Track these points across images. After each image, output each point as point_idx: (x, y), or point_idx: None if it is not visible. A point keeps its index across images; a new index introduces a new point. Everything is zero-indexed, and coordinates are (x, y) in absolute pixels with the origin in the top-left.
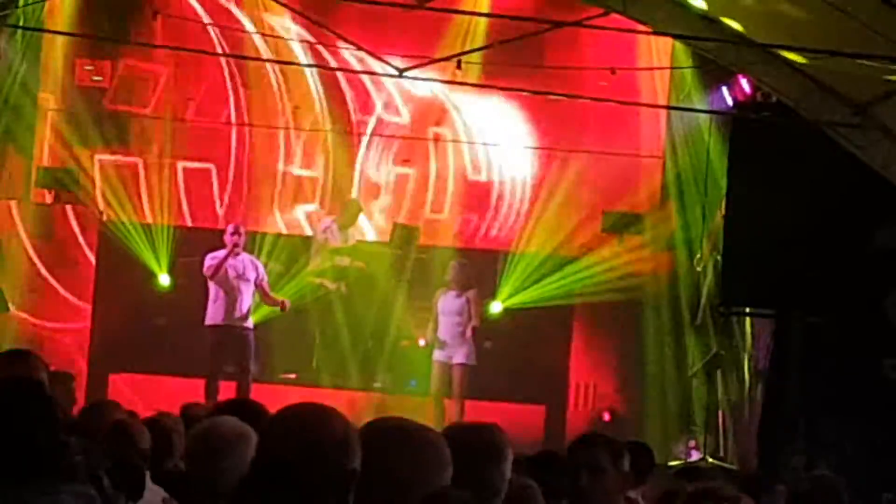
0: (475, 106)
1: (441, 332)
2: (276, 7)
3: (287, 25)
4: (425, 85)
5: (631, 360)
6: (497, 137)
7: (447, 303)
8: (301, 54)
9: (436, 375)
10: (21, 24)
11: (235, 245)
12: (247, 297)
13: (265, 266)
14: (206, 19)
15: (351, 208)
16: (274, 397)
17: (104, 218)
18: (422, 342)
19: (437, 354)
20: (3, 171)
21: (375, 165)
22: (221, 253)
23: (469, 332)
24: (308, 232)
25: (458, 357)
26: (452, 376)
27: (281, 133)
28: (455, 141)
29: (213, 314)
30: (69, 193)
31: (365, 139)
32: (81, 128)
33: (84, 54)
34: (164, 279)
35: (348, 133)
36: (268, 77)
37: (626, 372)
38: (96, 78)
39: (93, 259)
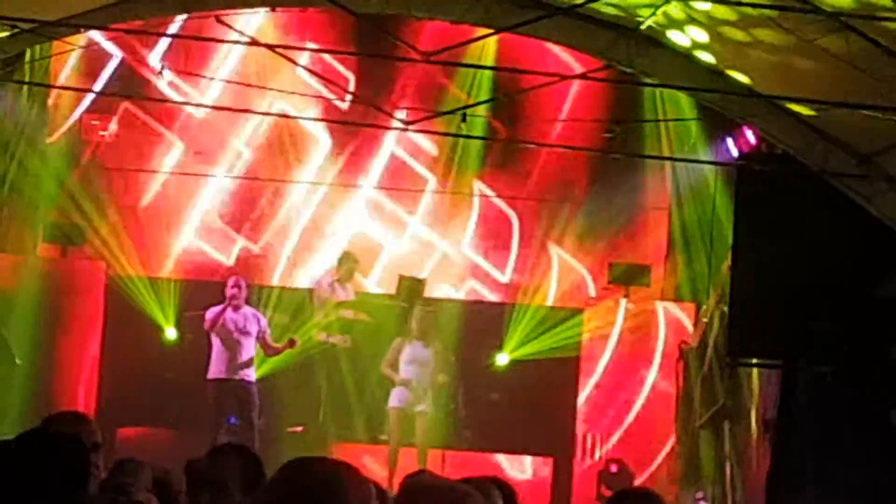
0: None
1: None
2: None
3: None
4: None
5: (638, 411)
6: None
7: (415, 352)
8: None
9: (393, 423)
10: (27, 79)
11: (234, 297)
12: (248, 350)
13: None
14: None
15: (346, 262)
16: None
17: (111, 272)
18: None
19: (395, 401)
20: (11, 225)
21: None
22: (221, 307)
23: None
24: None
25: (421, 406)
26: (416, 424)
27: (289, 188)
28: (457, 193)
29: (215, 368)
30: (76, 248)
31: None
32: (88, 182)
33: (90, 109)
34: (170, 333)
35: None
36: (276, 131)
37: (633, 423)
38: (103, 132)
39: (100, 313)
